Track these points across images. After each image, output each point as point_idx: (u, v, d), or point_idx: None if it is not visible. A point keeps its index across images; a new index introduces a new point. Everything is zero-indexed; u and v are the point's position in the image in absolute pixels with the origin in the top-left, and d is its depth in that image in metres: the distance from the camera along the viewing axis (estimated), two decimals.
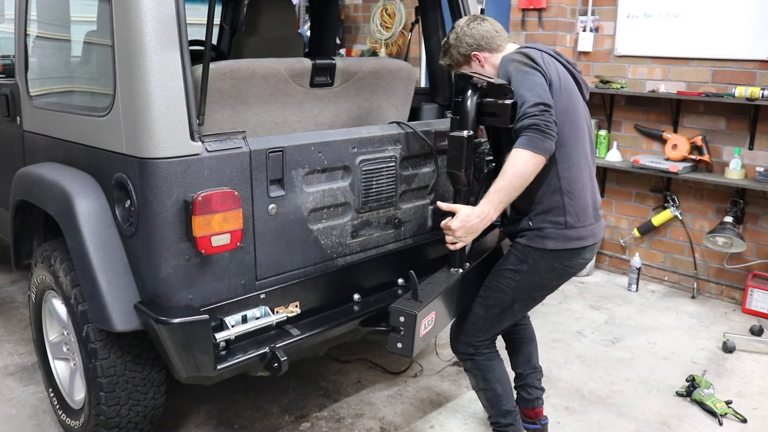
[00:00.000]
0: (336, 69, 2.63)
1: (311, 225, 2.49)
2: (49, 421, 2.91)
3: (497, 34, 2.52)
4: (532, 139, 2.12)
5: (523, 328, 2.85)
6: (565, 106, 2.30)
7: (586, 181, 2.38)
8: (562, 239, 2.32)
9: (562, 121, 2.26)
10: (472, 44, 2.51)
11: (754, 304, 4.16)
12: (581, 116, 2.40)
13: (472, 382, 2.64)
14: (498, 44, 2.52)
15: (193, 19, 2.50)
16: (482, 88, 2.33)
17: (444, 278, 2.39)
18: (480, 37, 2.50)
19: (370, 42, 6.18)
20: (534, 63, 2.28)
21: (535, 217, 2.34)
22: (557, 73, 2.34)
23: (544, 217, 2.33)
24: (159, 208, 2.08)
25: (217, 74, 2.27)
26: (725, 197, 4.34)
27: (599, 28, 4.79)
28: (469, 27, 2.53)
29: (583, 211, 2.35)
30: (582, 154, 2.37)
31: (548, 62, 2.33)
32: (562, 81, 2.34)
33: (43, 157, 2.76)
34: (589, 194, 2.39)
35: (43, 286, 2.71)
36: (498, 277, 2.44)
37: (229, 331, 2.20)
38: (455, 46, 2.54)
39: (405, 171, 2.81)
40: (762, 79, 4.07)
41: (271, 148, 2.31)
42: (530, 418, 2.77)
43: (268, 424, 2.93)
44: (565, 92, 2.33)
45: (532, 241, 2.34)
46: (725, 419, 2.99)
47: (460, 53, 2.53)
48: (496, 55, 2.50)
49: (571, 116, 2.33)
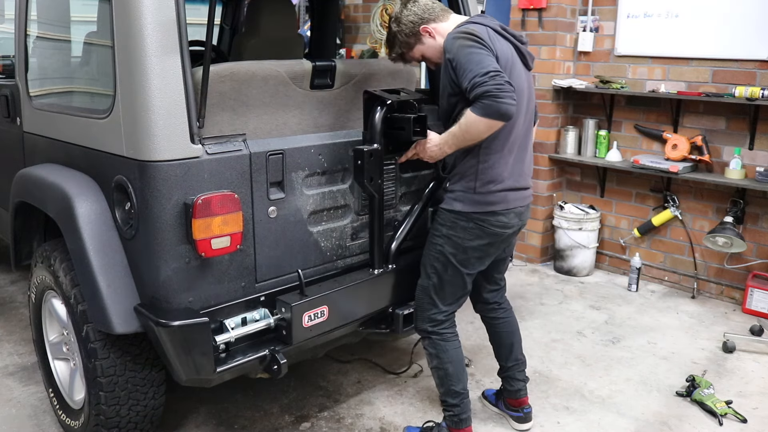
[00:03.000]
0: (336, 71, 2.63)
1: (311, 227, 2.49)
2: (49, 421, 2.92)
3: (436, 5, 2.55)
4: (483, 106, 2.18)
5: (504, 321, 2.91)
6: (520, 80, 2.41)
7: (507, 151, 2.44)
8: (469, 203, 2.45)
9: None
10: (416, 21, 2.53)
11: (754, 304, 4.16)
12: (522, 91, 2.45)
13: (428, 359, 2.73)
14: (441, 13, 2.54)
15: (193, 19, 2.50)
16: (390, 104, 2.45)
17: (353, 277, 2.53)
18: (421, 11, 2.53)
19: (370, 42, 6.18)
20: (479, 39, 2.29)
21: (452, 178, 2.50)
22: (502, 49, 2.38)
23: (458, 180, 2.47)
24: (159, 210, 2.09)
25: (217, 76, 2.27)
26: (725, 197, 4.34)
27: (599, 28, 4.78)
28: (406, 8, 2.55)
29: (494, 179, 2.43)
30: (511, 126, 2.41)
31: (493, 38, 2.37)
32: (507, 57, 2.39)
33: (43, 159, 2.76)
34: (509, 164, 2.45)
35: (42, 286, 2.72)
36: (428, 246, 2.58)
37: (228, 334, 2.21)
38: (400, 31, 2.55)
39: (404, 173, 2.82)
40: (762, 79, 4.07)
41: (271, 151, 2.31)
42: (514, 407, 2.93)
43: (268, 424, 2.93)
44: (509, 69, 2.38)
45: (447, 204, 2.50)
46: (725, 419, 2.99)
47: (407, 34, 2.54)
48: (442, 24, 2.53)
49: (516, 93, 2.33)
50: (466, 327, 3.96)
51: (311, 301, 2.30)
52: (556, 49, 4.78)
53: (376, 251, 2.57)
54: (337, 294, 2.41)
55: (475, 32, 2.31)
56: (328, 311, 2.35)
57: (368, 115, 2.47)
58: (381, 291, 2.59)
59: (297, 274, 2.32)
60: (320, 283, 2.44)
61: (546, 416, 3.03)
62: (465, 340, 3.77)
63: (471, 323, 4.02)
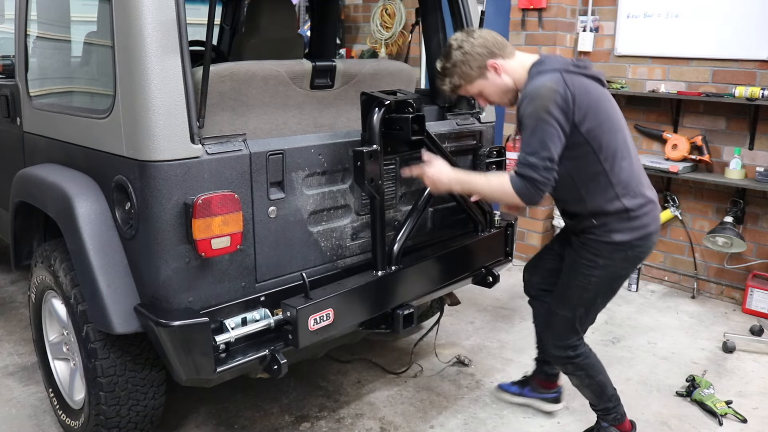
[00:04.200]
0: (336, 71, 2.63)
1: (311, 227, 2.49)
2: (49, 421, 2.92)
3: (503, 40, 2.47)
4: (522, 187, 2.29)
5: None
6: (601, 120, 2.34)
7: (637, 175, 2.44)
8: (629, 230, 2.41)
9: (602, 132, 2.33)
10: (484, 53, 2.43)
11: (754, 304, 4.17)
12: (616, 118, 2.43)
13: (575, 381, 2.75)
14: (510, 50, 2.47)
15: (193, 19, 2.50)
16: (388, 105, 2.43)
17: (356, 280, 2.49)
18: (491, 44, 2.44)
19: (370, 42, 6.18)
20: (555, 107, 2.25)
21: (599, 217, 2.43)
22: (584, 90, 2.31)
23: (606, 218, 2.42)
24: (159, 210, 2.09)
25: (217, 76, 2.27)
26: (725, 197, 4.34)
27: (599, 28, 4.78)
28: (473, 37, 2.45)
29: (642, 205, 2.42)
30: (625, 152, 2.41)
31: (575, 85, 2.29)
32: (592, 96, 2.33)
33: (43, 159, 2.76)
34: (645, 187, 2.46)
35: (43, 286, 2.72)
36: (576, 276, 2.53)
37: (228, 334, 2.20)
38: (464, 61, 2.44)
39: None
40: (762, 79, 4.07)
41: (271, 151, 2.31)
42: (548, 389, 3.05)
43: (268, 424, 2.93)
44: (596, 105, 2.34)
45: (602, 237, 2.43)
46: (725, 419, 3.00)
47: (471, 66, 2.44)
48: (509, 62, 2.45)
49: (609, 124, 2.37)
50: (467, 327, 3.96)
51: (317, 304, 2.27)
52: (556, 49, 4.78)
53: (379, 252, 2.55)
54: (342, 297, 2.38)
55: (555, 91, 2.25)
56: (333, 314, 2.33)
57: (366, 117, 2.46)
58: (385, 293, 2.56)
59: (301, 277, 2.30)
60: (324, 286, 2.42)
61: (547, 416, 3.03)
62: (465, 340, 3.78)
63: (471, 323, 4.02)
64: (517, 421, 2.99)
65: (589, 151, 2.34)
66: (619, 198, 2.39)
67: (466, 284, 3.11)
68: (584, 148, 2.33)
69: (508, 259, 3.21)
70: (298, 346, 2.25)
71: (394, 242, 2.60)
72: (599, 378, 2.68)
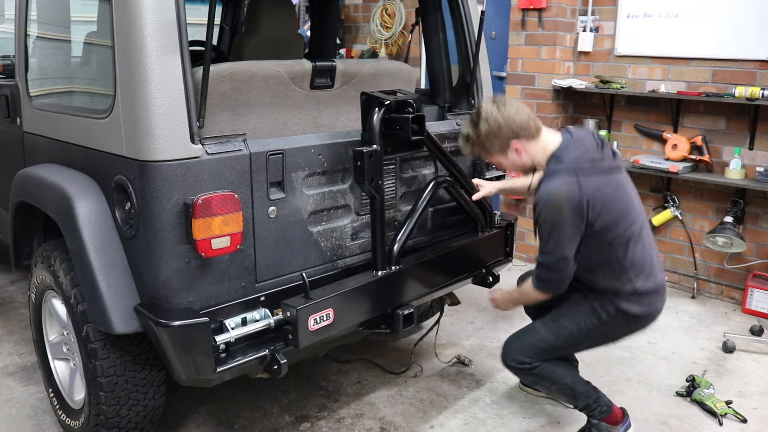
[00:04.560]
0: (336, 71, 2.63)
1: (311, 227, 2.49)
2: (49, 421, 2.92)
3: (531, 122, 2.49)
4: (542, 286, 2.52)
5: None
6: (615, 214, 2.42)
7: (650, 258, 2.53)
8: (638, 305, 2.52)
9: (616, 224, 2.42)
10: (509, 134, 2.46)
11: (754, 304, 4.16)
12: (631, 206, 2.49)
13: (542, 389, 2.80)
14: (535, 132, 2.49)
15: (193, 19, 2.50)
16: (388, 105, 2.43)
17: (356, 280, 2.49)
18: (518, 126, 2.45)
19: (370, 42, 6.18)
20: (569, 212, 2.34)
21: (611, 292, 2.52)
22: (598, 191, 2.38)
23: (618, 294, 2.51)
24: (159, 210, 2.09)
25: (217, 76, 2.27)
26: (725, 197, 4.34)
27: (599, 28, 4.78)
28: (500, 112, 2.45)
29: (653, 288, 2.53)
30: (639, 236, 2.49)
31: (589, 189, 2.36)
32: (607, 195, 2.40)
33: (43, 159, 2.76)
34: (656, 269, 2.55)
35: (42, 286, 2.72)
36: (575, 312, 2.59)
37: (228, 334, 2.20)
38: (486, 135, 2.48)
39: (404, 173, 2.82)
40: (762, 79, 4.07)
41: (271, 151, 2.31)
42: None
43: (268, 424, 2.93)
44: (611, 202, 2.41)
45: (612, 300, 2.52)
46: (725, 419, 2.99)
47: (494, 144, 2.49)
48: (532, 145, 2.49)
49: (623, 215, 2.44)
50: (467, 327, 3.96)
51: (317, 304, 2.28)
52: (556, 49, 4.78)
53: (379, 252, 2.55)
54: (342, 297, 2.38)
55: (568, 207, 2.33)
56: (333, 314, 2.33)
57: (366, 117, 2.46)
58: (386, 293, 2.56)
59: (301, 277, 2.30)
60: (325, 286, 2.42)
61: (547, 416, 3.03)
62: (465, 340, 3.78)
63: (471, 323, 4.02)
64: (517, 421, 2.99)
65: (602, 242, 2.43)
66: (631, 281, 2.48)
67: (466, 284, 3.11)
68: (598, 240, 2.42)
69: (508, 259, 3.21)
70: (298, 346, 2.25)
71: (394, 242, 2.60)
72: (565, 381, 2.66)
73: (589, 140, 2.47)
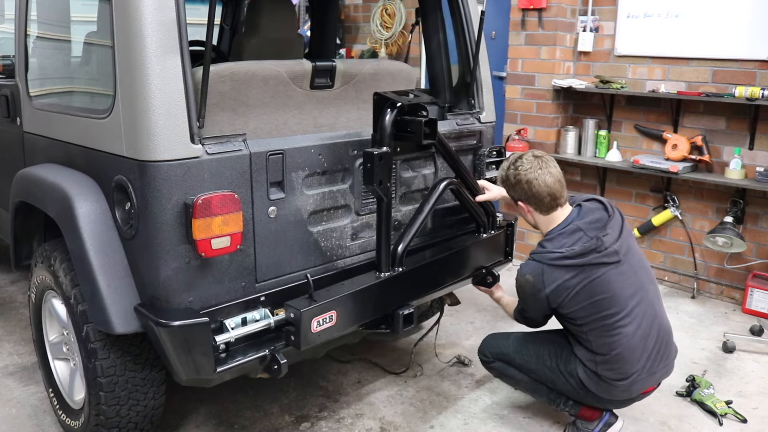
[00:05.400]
0: (336, 71, 2.63)
1: (311, 227, 2.49)
2: (49, 421, 2.92)
3: (550, 196, 2.59)
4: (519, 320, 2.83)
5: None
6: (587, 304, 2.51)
7: (628, 345, 2.54)
8: (595, 384, 2.62)
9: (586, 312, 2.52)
10: (521, 194, 2.65)
11: (754, 304, 4.16)
12: (618, 294, 2.53)
13: (508, 384, 2.97)
14: (547, 209, 2.62)
15: (193, 19, 2.50)
16: (401, 107, 2.42)
17: (360, 281, 2.49)
18: (532, 194, 2.61)
19: (370, 42, 6.18)
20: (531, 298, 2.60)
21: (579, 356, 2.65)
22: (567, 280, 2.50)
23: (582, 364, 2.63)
24: (159, 210, 2.09)
25: (217, 76, 2.27)
26: (725, 197, 4.34)
27: (599, 28, 4.78)
28: (527, 175, 2.59)
29: (618, 377, 2.58)
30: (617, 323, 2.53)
31: (551, 282, 2.51)
32: (577, 286, 2.50)
33: (43, 159, 2.76)
34: (633, 359, 2.56)
35: (43, 286, 2.72)
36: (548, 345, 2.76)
37: (229, 334, 2.20)
38: (509, 183, 2.68)
39: (405, 173, 2.82)
40: (762, 79, 4.07)
41: (271, 151, 2.31)
42: None
43: (268, 424, 2.93)
44: (588, 290, 2.50)
45: (575, 363, 2.66)
46: (725, 419, 3.00)
47: (510, 190, 2.71)
48: (542, 216, 2.65)
49: (598, 306, 2.51)
50: (466, 327, 3.96)
51: (320, 306, 2.27)
52: (556, 49, 4.78)
53: (383, 254, 2.53)
54: (345, 298, 2.37)
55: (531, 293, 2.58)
56: (336, 316, 2.33)
57: (378, 118, 2.43)
58: (388, 294, 2.55)
59: (306, 278, 2.30)
60: (328, 287, 2.41)
61: (547, 416, 3.03)
62: (465, 340, 3.78)
63: (471, 323, 4.02)
64: (517, 421, 2.99)
65: (573, 321, 2.58)
66: (595, 362, 2.58)
67: (467, 284, 3.11)
68: (569, 318, 2.59)
69: (508, 259, 3.21)
70: (300, 348, 2.25)
71: (398, 244, 2.58)
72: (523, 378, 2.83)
73: (592, 223, 2.56)
